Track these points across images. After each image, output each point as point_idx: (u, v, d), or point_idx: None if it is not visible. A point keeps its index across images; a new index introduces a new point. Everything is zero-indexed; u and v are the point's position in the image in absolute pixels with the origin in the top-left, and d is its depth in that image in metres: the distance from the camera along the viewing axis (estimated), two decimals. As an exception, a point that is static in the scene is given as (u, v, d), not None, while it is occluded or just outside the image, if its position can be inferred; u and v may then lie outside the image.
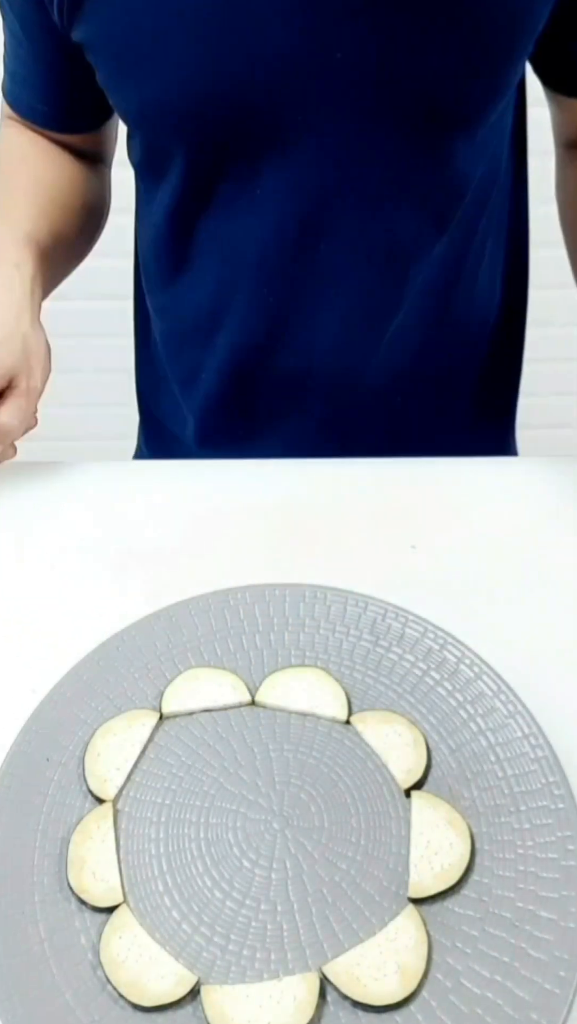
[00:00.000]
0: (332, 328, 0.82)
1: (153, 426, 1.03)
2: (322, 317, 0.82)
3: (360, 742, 0.59)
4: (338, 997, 0.49)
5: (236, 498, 0.76)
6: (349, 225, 0.76)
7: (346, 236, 0.77)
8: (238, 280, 0.81)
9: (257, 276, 0.80)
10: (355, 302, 0.81)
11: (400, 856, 0.54)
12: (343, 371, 0.85)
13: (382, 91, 0.68)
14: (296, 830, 0.55)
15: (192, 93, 0.70)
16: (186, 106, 0.71)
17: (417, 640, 0.64)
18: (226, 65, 0.68)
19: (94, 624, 0.66)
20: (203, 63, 0.68)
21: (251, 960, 0.50)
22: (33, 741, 0.59)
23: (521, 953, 0.50)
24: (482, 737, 0.58)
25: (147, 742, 0.59)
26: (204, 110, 0.71)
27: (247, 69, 0.68)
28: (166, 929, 0.51)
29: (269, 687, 0.61)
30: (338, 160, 0.72)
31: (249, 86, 0.69)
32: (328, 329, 0.82)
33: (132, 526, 0.75)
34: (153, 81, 0.71)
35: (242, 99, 0.69)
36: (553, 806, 0.55)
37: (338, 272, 0.79)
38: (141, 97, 0.73)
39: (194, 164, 0.76)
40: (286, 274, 0.79)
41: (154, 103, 0.73)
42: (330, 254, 0.78)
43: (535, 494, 0.77)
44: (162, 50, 0.68)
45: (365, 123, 0.70)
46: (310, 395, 0.87)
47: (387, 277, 0.80)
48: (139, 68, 0.71)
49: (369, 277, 0.80)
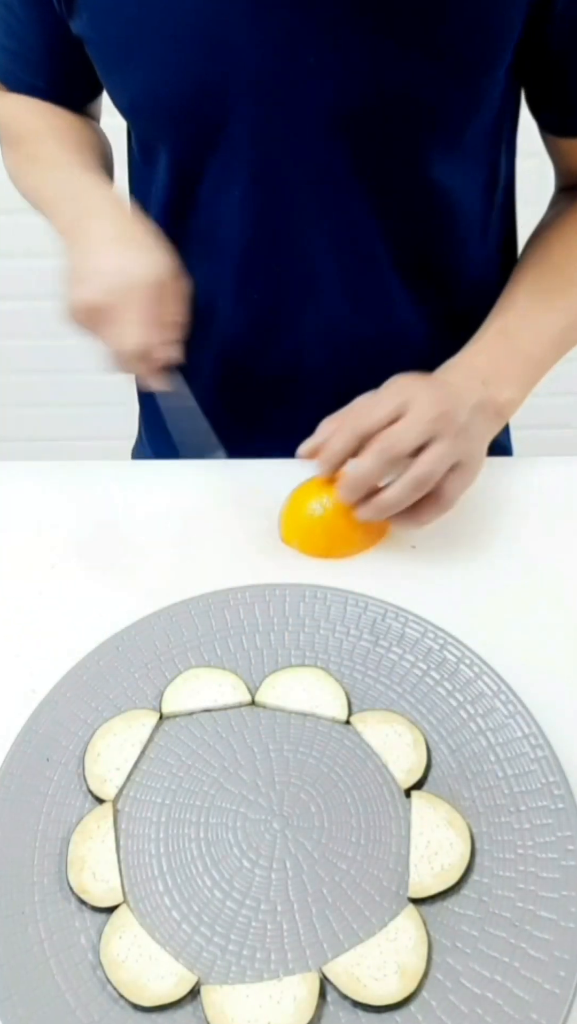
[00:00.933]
0: (318, 327, 0.83)
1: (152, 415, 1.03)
2: (307, 318, 0.83)
3: (360, 742, 0.59)
4: (338, 997, 0.49)
5: (236, 498, 0.76)
6: (327, 228, 0.77)
7: (325, 238, 0.78)
8: (222, 278, 0.81)
9: (240, 275, 0.80)
10: (339, 303, 0.82)
11: (400, 856, 0.54)
12: (334, 370, 0.85)
13: (353, 99, 0.69)
14: (296, 830, 0.55)
15: (175, 91, 0.71)
16: (170, 103, 0.72)
17: (417, 640, 0.64)
18: (205, 66, 0.69)
19: (94, 624, 0.66)
20: (184, 63, 0.69)
21: (251, 960, 0.50)
22: (33, 741, 0.59)
23: (521, 953, 0.50)
24: (482, 737, 0.58)
25: (147, 742, 0.59)
26: (187, 107, 0.72)
27: (225, 71, 0.69)
28: (166, 929, 0.51)
29: (269, 687, 0.61)
30: (315, 164, 0.73)
31: (226, 88, 0.70)
32: (313, 328, 0.83)
33: (132, 526, 0.75)
34: (140, 76, 0.72)
35: (221, 99, 0.71)
36: (553, 806, 0.55)
37: (319, 273, 0.80)
38: (131, 92, 0.75)
39: (178, 162, 0.77)
40: (268, 274, 0.80)
41: (142, 98, 0.74)
42: (311, 255, 0.79)
43: (534, 494, 0.77)
44: (147, 47, 0.70)
45: (340, 129, 0.71)
46: (301, 394, 0.87)
47: (369, 280, 0.81)
48: (127, 63, 0.72)
49: (350, 279, 0.80)
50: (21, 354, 1.98)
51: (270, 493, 0.75)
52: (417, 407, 0.67)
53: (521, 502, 0.76)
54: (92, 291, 0.68)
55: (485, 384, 0.72)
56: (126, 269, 0.68)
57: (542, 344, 0.76)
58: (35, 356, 1.98)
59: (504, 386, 0.73)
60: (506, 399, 0.73)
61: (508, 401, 0.74)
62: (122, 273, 0.68)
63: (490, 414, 0.72)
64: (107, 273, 0.68)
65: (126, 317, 0.68)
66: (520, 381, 0.75)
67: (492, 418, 0.73)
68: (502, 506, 0.75)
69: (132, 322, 0.67)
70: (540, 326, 0.77)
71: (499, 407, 0.73)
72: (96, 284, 0.68)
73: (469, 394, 0.70)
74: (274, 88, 0.69)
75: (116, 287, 0.68)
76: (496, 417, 0.73)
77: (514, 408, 0.75)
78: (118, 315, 0.68)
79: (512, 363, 0.75)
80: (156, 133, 0.77)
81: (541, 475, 0.78)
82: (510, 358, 0.75)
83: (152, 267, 0.69)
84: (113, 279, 0.68)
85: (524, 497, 0.76)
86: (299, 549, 0.72)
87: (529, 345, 0.76)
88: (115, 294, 0.68)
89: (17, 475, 0.80)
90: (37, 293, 1.88)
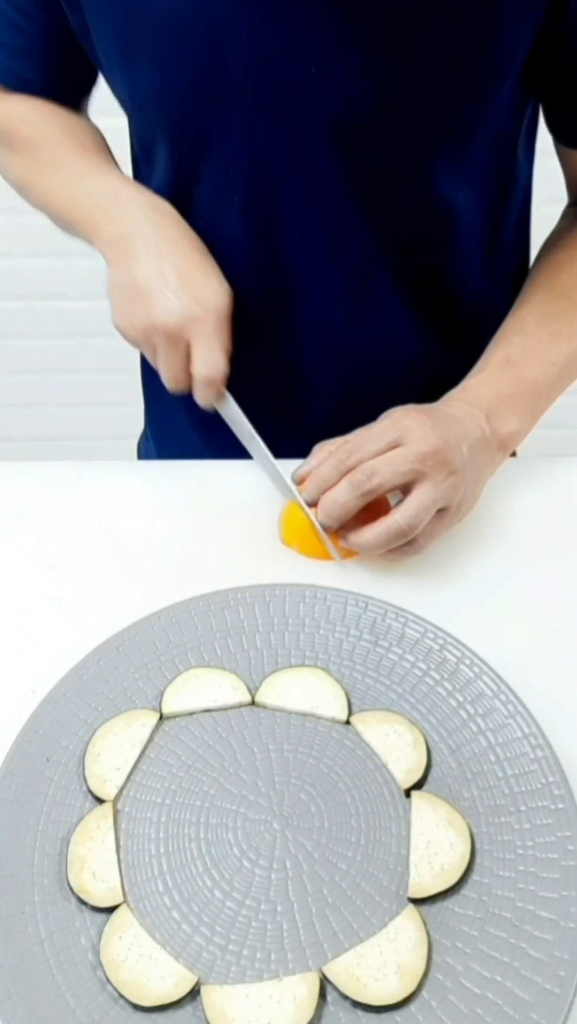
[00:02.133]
0: (316, 334, 0.83)
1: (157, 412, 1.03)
2: (305, 324, 0.82)
3: (360, 742, 0.59)
4: (338, 997, 0.49)
5: (236, 498, 0.76)
6: (324, 238, 0.77)
7: (322, 248, 0.77)
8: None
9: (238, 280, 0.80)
10: (336, 311, 0.81)
11: (400, 856, 0.54)
12: (333, 375, 0.85)
13: (355, 109, 0.68)
14: (296, 830, 0.55)
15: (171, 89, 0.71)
16: (166, 101, 0.72)
17: (417, 640, 0.64)
18: (201, 67, 0.68)
19: (94, 624, 0.66)
20: (180, 62, 0.69)
21: (251, 960, 0.50)
22: (33, 741, 0.59)
23: (521, 953, 0.50)
24: (482, 737, 0.58)
25: (147, 742, 0.59)
26: (181, 107, 0.72)
27: (221, 74, 0.68)
28: (166, 929, 0.51)
29: (269, 687, 0.61)
30: (312, 173, 0.73)
31: (222, 90, 0.69)
32: (311, 335, 0.83)
33: (132, 526, 0.75)
34: (140, 71, 0.72)
35: (215, 102, 0.70)
36: (553, 806, 0.55)
37: (316, 281, 0.79)
38: (129, 87, 0.74)
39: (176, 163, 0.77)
40: (266, 280, 0.80)
41: (141, 95, 0.74)
42: (308, 264, 0.78)
43: (534, 494, 0.77)
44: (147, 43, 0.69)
45: (340, 139, 0.70)
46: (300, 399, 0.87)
47: (365, 289, 0.80)
48: (126, 60, 0.72)
49: (347, 288, 0.80)
50: (21, 354, 1.98)
51: (270, 495, 0.75)
52: (409, 443, 0.65)
53: (521, 502, 0.76)
54: (161, 314, 0.68)
55: (489, 417, 0.71)
56: (196, 293, 0.69)
57: (548, 374, 0.74)
58: (35, 356, 1.98)
59: (508, 418, 0.72)
60: (510, 431, 0.72)
61: (512, 433, 0.72)
62: (192, 297, 0.68)
63: (493, 448, 0.71)
64: (176, 296, 0.68)
65: (200, 343, 0.68)
66: (525, 412, 0.73)
67: (494, 452, 0.72)
68: (502, 506, 0.75)
69: (207, 348, 0.68)
70: (547, 355, 0.75)
71: (502, 440, 0.72)
72: (165, 307, 0.68)
73: (471, 428, 0.69)
74: (271, 95, 0.69)
75: (187, 312, 0.68)
76: (499, 450, 0.72)
77: (519, 440, 0.74)
78: (191, 339, 0.68)
79: (517, 394, 0.73)
80: (153, 131, 0.76)
81: (541, 475, 0.78)
82: (515, 389, 0.73)
83: (221, 292, 0.70)
84: (183, 304, 0.68)
85: (524, 497, 0.76)
86: (299, 550, 0.72)
87: (535, 375, 0.74)
88: (186, 318, 0.68)
89: (17, 475, 0.80)
90: (37, 293, 1.89)
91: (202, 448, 0.93)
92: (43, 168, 0.82)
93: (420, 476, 0.65)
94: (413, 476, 0.65)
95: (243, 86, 0.68)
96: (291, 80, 0.68)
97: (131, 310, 0.71)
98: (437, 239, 0.78)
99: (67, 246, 0.90)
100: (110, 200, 0.75)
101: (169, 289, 0.69)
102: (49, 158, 0.81)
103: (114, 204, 0.75)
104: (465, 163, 0.74)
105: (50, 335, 1.95)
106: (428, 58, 0.66)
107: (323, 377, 0.85)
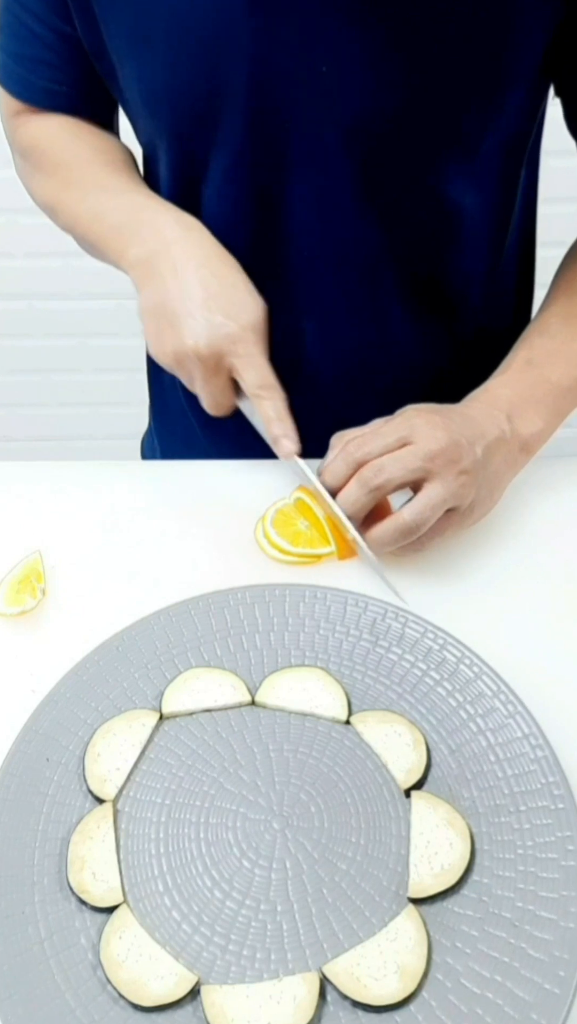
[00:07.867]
0: (319, 336, 0.83)
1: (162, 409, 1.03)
2: (308, 327, 0.82)
3: (360, 742, 0.59)
4: (338, 997, 0.49)
5: (236, 498, 0.76)
6: (329, 241, 0.76)
7: (327, 251, 0.77)
8: None
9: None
10: (339, 314, 0.81)
11: (400, 856, 0.54)
12: (335, 376, 0.85)
13: (366, 113, 0.68)
14: (296, 830, 0.55)
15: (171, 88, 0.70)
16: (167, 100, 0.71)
17: (417, 640, 0.64)
18: (204, 67, 0.68)
19: (94, 624, 0.66)
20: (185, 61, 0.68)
21: (251, 960, 0.50)
22: (33, 741, 0.59)
23: (521, 953, 0.50)
24: (482, 737, 0.58)
25: (147, 742, 0.59)
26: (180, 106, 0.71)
27: (224, 75, 0.68)
28: (166, 929, 0.51)
29: (269, 687, 0.61)
30: (318, 176, 0.72)
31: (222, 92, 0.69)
32: (314, 337, 0.83)
33: (132, 526, 0.75)
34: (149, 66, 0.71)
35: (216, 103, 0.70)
36: (553, 806, 0.55)
37: (320, 284, 0.79)
38: (140, 83, 0.73)
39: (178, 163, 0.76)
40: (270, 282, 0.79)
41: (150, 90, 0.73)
42: (312, 266, 0.78)
43: (534, 494, 0.77)
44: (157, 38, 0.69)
45: (347, 142, 0.70)
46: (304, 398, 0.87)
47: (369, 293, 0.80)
48: (136, 52, 0.71)
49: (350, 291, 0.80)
50: (21, 354, 1.98)
51: (270, 495, 0.75)
52: (418, 441, 0.65)
53: (522, 502, 0.76)
54: (191, 338, 0.68)
55: (510, 417, 0.70)
56: (229, 312, 0.68)
57: (573, 374, 0.73)
58: (35, 356, 1.98)
59: (531, 418, 0.71)
60: (532, 432, 0.71)
61: (534, 434, 0.71)
62: (225, 316, 0.68)
63: (514, 449, 0.70)
64: (205, 318, 0.67)
65: (243, 362, 0.68)
66: (548, 412, 0.72)
67: (516, 453, 0.71)
68: (503, 506, 0.75)
69: (253, 366, 0.68)
70: (571, 355, 0.74)
71: (525, 440, 0.71)
72: (195, 330, 0.67)
73: (488, 428, 0.68)
74: (279, 92, 0.68)
75: (220, 333, 0.67)
76: (521, 451, 0.71)
77: (542, 441, 0.73)
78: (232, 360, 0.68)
79: (540, 394, 0.72)
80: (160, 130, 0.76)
81: (542, 475, 0.78)
82: (538, 389, 0.72)
83: (254, 307, 0.69)
84: (213, 325, 0.67)
85: (525, 497, 0.76)
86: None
87: (559, 375, 0.73)
88: (220, 339, 0.67)
89: (17, 475, 0.80)
90: (37, 293, 1.89)
91: (207, 447, 0.93)
92: (71, 190, 0.80)
93: (429, 474, 0.65)
94: (422, 474, 0.64)
95: (249, 81, 0.68)
96: (300, 78, 0.67)
97: (161, 336, 0.70)
98: (443, 241, 0.78)
99: (67, 246, 0.90)
100: (135, 220, 0.74)
101: (198, 311, 0.68)
102: (77, 180, 0.80)
103: (139, 224, 0.73)
104: (476, 165, 0.73)
105: (50, 335, 1.95)
106: (443, 56, 0.65)
107: (325, 377, 0.85)
